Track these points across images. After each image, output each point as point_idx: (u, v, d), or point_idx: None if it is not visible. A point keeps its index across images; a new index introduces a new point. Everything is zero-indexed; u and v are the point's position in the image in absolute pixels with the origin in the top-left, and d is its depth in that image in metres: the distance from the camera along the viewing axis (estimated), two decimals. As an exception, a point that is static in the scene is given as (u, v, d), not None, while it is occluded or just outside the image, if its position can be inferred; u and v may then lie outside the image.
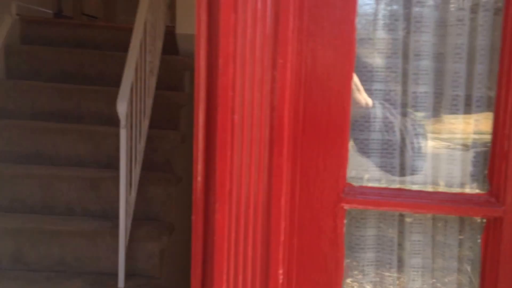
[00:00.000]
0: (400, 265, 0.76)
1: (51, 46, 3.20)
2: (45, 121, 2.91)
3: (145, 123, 2.63)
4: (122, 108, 2.18)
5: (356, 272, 0.75)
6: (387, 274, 0.76)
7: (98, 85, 3.06)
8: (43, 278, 2.51)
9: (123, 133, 2.21)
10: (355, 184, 0.70)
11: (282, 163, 0.60)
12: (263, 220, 0.60)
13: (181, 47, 3.04)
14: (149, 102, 2.69)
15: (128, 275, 2.46)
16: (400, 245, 0.75)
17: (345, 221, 0.69)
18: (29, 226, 2.57)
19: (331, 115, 0.66)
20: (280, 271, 0.61)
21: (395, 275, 0.76)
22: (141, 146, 2.57)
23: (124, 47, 3.27)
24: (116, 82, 3.12)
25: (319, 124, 0.66)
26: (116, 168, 2.86)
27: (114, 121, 2.99)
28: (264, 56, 0.59)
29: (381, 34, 0.71)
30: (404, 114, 0.74)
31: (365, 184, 0.71)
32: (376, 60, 0.71)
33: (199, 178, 0.61)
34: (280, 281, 0.61)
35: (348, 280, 0.75)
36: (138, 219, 2.62)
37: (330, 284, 0.69)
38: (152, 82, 2.72)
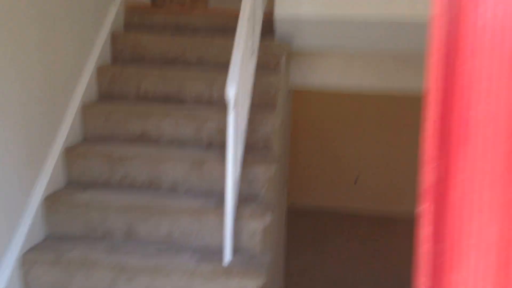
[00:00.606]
0: None
1: (152, 32, 3.35)
2: (149, 104, 3.07)
3: (247, 106, 2.71)
4: (232, 91, 2.26)
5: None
6: None
7: (197, 69, 3.17)
8: (154, 251, 2.69)
9: (231, 115, 2.30)
10: None
11: (519, 157, 0.63)
12: (499, 207, 0.64)
13: (278, 31, 3.08)
14: (250, 85, 2.76)
15: (232, 251, 2.58)
16: None
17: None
18: (139, 204, 2.74)
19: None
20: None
21: None
22: (243, 127, 2.66)
23: (220, 32, 3.36)
24: (214, 66, 3.23)
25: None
26: (216, 148, 2.98)
27: (213, 104, 3.11)
28: (504, 52, 0.61)
29: None
30: None
31: None
32: None
33: (431, 168, 0.65)
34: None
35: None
36: (241, 198, 2.73)
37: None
38: (252, 65, 2.79)
